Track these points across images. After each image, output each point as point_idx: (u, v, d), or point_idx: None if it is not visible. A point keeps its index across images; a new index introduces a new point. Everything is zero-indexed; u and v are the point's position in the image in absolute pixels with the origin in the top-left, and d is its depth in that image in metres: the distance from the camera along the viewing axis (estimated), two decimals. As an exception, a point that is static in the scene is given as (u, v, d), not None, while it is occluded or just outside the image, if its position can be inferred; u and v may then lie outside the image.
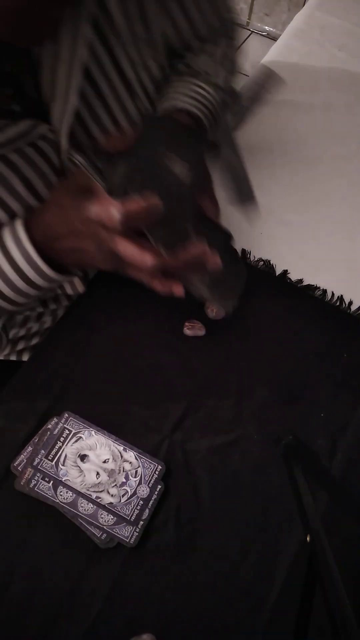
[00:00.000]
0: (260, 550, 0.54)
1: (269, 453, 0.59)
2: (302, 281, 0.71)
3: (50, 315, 0.72)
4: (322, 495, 0.57)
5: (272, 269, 0.72)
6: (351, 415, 0.62)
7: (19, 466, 0.55)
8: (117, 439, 0.58)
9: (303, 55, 1.00)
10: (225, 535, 0.55)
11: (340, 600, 0.37)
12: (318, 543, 0.43)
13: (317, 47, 1.02)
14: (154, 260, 0.46)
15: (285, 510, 0.56)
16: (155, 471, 0.56)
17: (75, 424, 0.58)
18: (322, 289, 0.71)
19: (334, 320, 0.69)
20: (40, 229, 0.51)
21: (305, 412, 0.62)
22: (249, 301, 0.66)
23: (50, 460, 0.55)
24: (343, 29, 1.05)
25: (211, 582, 0.53)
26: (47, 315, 0.72)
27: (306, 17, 1.08)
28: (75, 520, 0.53)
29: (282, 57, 1.00)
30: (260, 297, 0.69)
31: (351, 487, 0.59)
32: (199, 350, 0.65)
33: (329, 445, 0.60)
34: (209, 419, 0.61)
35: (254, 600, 0.52)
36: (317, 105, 0.91)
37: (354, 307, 0.70)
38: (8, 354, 0.75)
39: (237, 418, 0.61)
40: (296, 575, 0.53)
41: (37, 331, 0.74)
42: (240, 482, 0.58)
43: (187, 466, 0.58)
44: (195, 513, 0.56)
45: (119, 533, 0.53)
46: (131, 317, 0.67)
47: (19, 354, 0.76)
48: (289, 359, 0.66)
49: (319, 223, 0.78)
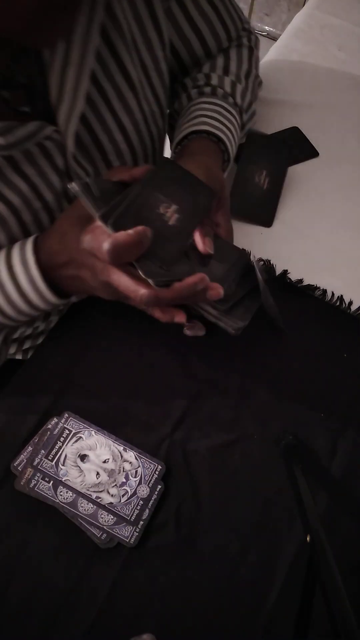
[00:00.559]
0: (260, 550, 0.54)
1: (269, 453, 0.59)
2: (302, 281, 0.71)
3: (58, 314, 0.72)
4: (322, 495, 0.57)
5: (272, 269, 0.72)
6: (351, 415, 0.62)
7: (19, 466, 0.55)
8: (117, 439, 0.58)
9: (303, 55, 1.00)
10: (225, 535, 0.55)
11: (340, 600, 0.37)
12: (318, 543, 0.43)
13: (317, 47, 1.02)
14: (147, 292, 0.45)
15: (285, 510, 0.56)
16: (155, 471, 0.57)
17: (75, 424, 0.58)
18: (322, 289, 0.71)
19: (334, 320, 0.69)
20: (46, 255, 0.51)
21: (305, 412, 0.62)
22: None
23: (50, 460, 0.55)
24: (343, 29, 1.05)
25: (211, 582, 0.53)
26: (54, 315, 0.72)
27: (306, 17, 1.08)
28: (75, 520, 0.53)
29: (282, 57, 1.00)
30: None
31: (351, 487, 0.59)
32: (199, 350, 0.65)
33: (329, 445, 0.60)
34: (209, 419, 0.61)
35: (254, 600, 0.52)
36: (317, 105, 0.91)
37: (354, 307, 0.70)
38: (14, 352, 0.75)
39: (237, 418, 0.61)
40: (296, 575, 0.53)
41: (43, 330, 0.74)
42: (240, 482, 0.58)
43: (187, 466, 0.58)
44: (195, 513, 0.56)
45: (119, 533, 0.53)
46: (131, 317, 0.67)
47: (25, 353, 0.76)
48: (289, 359, 0.66)
49: (319, 223, 0.78)
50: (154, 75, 0.60)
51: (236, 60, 0.69)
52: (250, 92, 0.71)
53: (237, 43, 0.71)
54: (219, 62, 0.68)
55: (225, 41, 0.69)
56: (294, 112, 0.90)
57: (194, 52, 0.67)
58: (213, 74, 0.66)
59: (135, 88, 0.58)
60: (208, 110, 0.62)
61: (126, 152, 0.61)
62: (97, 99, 0.55)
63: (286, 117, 0.89)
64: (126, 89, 0.57)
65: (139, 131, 0.61)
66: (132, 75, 0.56)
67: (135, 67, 0.57)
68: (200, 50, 0.67)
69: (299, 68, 0.97)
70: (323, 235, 0.77)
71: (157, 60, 0.60)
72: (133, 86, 0.57)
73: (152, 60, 0.59)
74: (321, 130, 0.88)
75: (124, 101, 0.57)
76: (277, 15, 2.30)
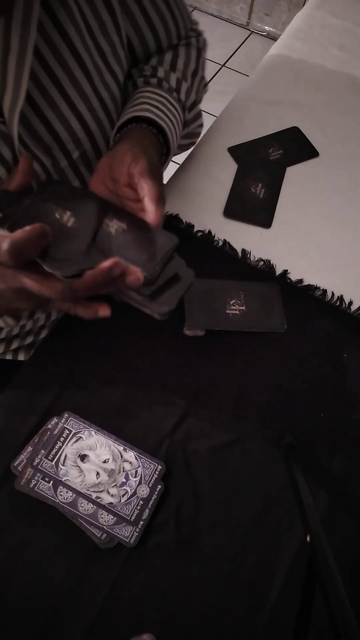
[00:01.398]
0: (260, 550, 0.54)
1: (269, 453, 0.59)
2: (302, 281, 0.71)
3: (43, 312, 0.72)
4: (322, 495, 0.57)
5: (272, 269, 0.72)
6: (351, 415, 0.62)
7: (19, 466, 0.55)
8: (117, 439, 0.58)
9: (303, 55, 1.00)
10: (225, 535, 0.55)
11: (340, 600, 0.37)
12: (318, 543, 0.43)
13: (317, 47, 1.02)
14: (61, 285, 0.44)
15: (285, 510, 0.56)
16: (155, 471, 0.57)
17: (75, 424, 0.58)
18: (322, 289, 0.71)
19: (334, 320, 0.69)
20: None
21: (305, 412, 0.62)
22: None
23: (50, 460, 0.55)
24: (343, 29, 1.05)
25: (211, 582, 0.53)
26: (39, 313, 0.71)
27: (306, 17, 1.08)
28: (75, 520, 0.53)
29: (282, 57, 1.00)
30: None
31: (351, 487, 0.59)
32: (199, 350, 0.65)
33: (329, 445, 0.60)
34: (209, 419, 0.61)
35: (254, 600, 0.52)
36: (317, 105, 0.91)
37: (354, 307, 0.70)
38: (3, 352, 0.75)
39: (237, 418, 0.61)
40: (296, 575, 0.53)
41: (31, 329, 0.73)
42: (240, 482, 0.58)
43: (187, 466, 0.58)
44: (195, 513, 0.56)
45: (119, 533, 0.53)
46: (131, 317, 0.67)
47: (15, 353, 0.76)
48: (289, 359, 0.66)
49: (319, 223, 0.78)
50: (112, 60, 0.60)
51: (184, 58, 0.69)
52: (195, 91, 0.71)
53: (186, 42, 0.72)
54: (167, 57, 0.68)
55: (175, 38, 0.69)
56: (294, 112, 0.90)
57: (147, 46, 0.66)
58: (160, 68, 0.66)
59: (90, 74, 0.57)
60: (153, 99, 0.61)
61: (85, 140, 0.60)
62: (49, 86, 0.54)
63: (286, 117, 0.89)
64: (80, 75, 0.56)
65: (97, 118, 0.60)
66: (86, 61, 0.56)
67: (89, 52, 0.56)
68: (153, 45, 0.67)
69: (299, 68, 0.97)
70: (323, 235, 0.77)
71: (114, 45, 0.59)
72: (87, 72, 0.56)
73: (109, 45, 0.58)
74: (321, 130, 0.88)
75: (79, 88, 0.57)
76: (277, 15, 2.30)
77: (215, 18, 2.45)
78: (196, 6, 2.46)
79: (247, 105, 0.91)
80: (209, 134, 0.87)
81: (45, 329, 0.75)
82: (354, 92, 0.94)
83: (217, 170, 0.82)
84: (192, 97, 0.69)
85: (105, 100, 0.60)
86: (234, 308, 0.66)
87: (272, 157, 0.84)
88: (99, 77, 0.58)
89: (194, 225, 0.75)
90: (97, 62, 0.58)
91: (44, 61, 0.53)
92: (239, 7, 2.35)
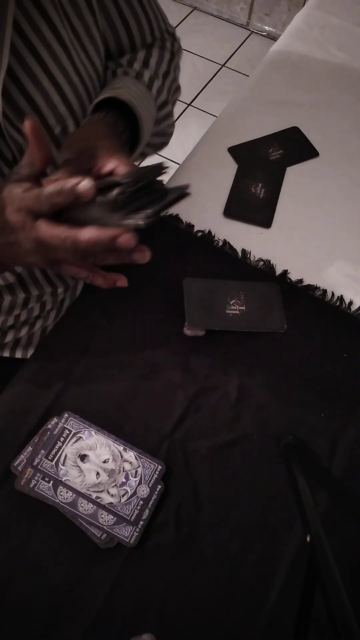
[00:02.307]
0: (260, 550, 0.54)
1: (269, 453, 0.59)
2: (302, 281, 0.71)
3: (37, 301, 0.71)
4: (322, 495, 0.57)
5: (272, 269, 0.72)
6: (351, 415, 0.62)
7: (19, 466, 0.55)
8: (117, 439, 0.58)
9: (303, 55, 1.00)
10: (225, 535, 0.55)
11: (340, 600, 0.37)
12: (318, 543, 0.43)
13: (317, 47, 1.02)
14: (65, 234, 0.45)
15: (285, 510, 0.56)
16: (155, 471, 0.57)
17: (75, 424, 0.58)
18: (322, 289, 0.71)
19: (334, 320, 0.69)
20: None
21: (305, 412, 0.62)
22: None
23: (50, 460, 0.55)
24: (343, 29, 1.05)
25: (211, 582, 0.53)
26: (33, 302, 0.71)
27: (306, 17, 1.08)
28: (75, 520, 0.53)
29: (282, 57, 1.00)
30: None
31: (351, 487, 0.59)
32: (199, 350, 0.65)
33: (329, 445, 0.60)
34: (209, 419, 0.61)
35: (254, 600, 0.52)
36: (317, 105, 0.91)
37: (354, 307, 0.70)
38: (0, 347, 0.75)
39: (237, 418, 0.61)
40: (296, 575, 0.53)
41: (26, 319, 0.73)
42: (240, 482, 0.58)
43: (187, 466, 0.58)
44: (195, 513, 0.56)
45: (119, 533, 0.53)
46: (131, 317, 0.67)
47: (12, 350, 0.75)
48: (289, 359, 0.66)
49: (319, 223, 0.78)
50: (86, 40, 0.60)
51: (157, 58, 0.70)
52: (166, 92, 0.71)
53: (160, 44, 0.72)
54: (140, 55, 0.68)
55: (149, 37, 0.70)
56: (294, 112, 0.90)
57: (120, 42, 0.67)
58: (135, 63, 0.67)
59: (68, 50, 0.57)
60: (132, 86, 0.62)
61: (67, 115, 0.60)
62: (30, 60, 0.54)
63: (286, 117, 0.89)
64: (59, 50, 0.56)
65: (77, 94, 0.60)
66: (64, 36, 0.56)
67: (66, 29, 0.56)
68: (127, 41, 0.67)
69: (299, 68, 0.97)
70: (323, 235, 0.77)
71: (87, 25, 0.59)
72: (66, 48, 0.57)
73: (82, 25, 0.59)
74: (321, 130, 0.88)
75: (59, 63, 0.57)
76: (277, 15, 2.30)
77: (215, 18, 2.45)
78: (196, 6, 2.46)
79: (247, 105, 0.91)
80: (209, 134, 0.87)
81: (40, 320, 0.75)
82: (354, 92, 0.94)
83: (217, 170, 0.82)
84: (162, 96, 0.70)
85: (84, 77, 0.60)
86: (234, 308, 0.66)
87: (272, 157, 0.84)
88: (77, 55, 0.59)
89: (194, 225, 0.75)
90: (72, 40, 0.58)
91: (24, 35, 0.53)
92: (239, 7, 2.35)
